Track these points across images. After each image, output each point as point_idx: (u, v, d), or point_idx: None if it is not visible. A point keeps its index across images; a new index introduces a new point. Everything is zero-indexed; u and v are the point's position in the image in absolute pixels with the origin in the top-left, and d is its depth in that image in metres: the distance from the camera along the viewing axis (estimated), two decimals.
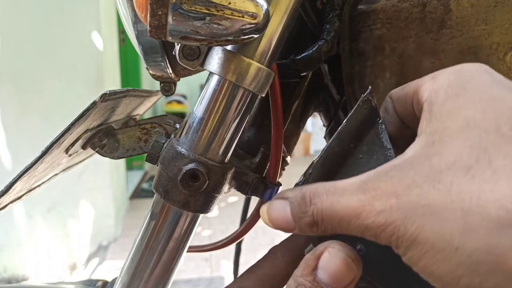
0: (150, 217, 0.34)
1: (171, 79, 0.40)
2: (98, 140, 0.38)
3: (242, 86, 0.29)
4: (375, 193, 0.21)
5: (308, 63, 0.38)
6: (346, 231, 0.22)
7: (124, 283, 0.34)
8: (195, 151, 0.30)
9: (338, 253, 0.24)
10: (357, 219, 0.21)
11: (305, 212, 0.23)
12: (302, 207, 0.24)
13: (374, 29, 0.38)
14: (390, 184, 0.21)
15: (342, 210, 0.22)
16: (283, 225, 0.25)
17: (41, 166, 0.34)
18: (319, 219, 0.23)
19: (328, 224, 0.23)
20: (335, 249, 0.24)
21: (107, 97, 0.34)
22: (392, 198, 0.20)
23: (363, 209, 0.21)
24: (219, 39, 0.24)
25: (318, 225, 0.23)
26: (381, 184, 0.21)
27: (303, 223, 0.24)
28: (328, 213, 0.22)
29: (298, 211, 0.24)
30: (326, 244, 0.24)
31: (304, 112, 0.47)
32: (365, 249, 0.25)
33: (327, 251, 0.24)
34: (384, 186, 0.21)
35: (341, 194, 0.22)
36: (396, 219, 0.20)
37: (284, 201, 0.25)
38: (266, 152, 0.40)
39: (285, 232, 0.26)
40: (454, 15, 0.34)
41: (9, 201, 0.35)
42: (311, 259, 0.24)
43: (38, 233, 2.22)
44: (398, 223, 0.20)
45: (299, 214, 0.24)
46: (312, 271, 0.24)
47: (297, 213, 0.24)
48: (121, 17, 0.40)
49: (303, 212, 0.24)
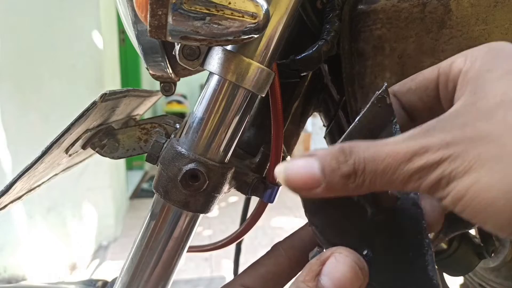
0: (150, 217, 0.34)
1: (171, 79, 0.40)
2: (98, 140, 0.38)
3: (242, 86, 0.29)
4: (426, 139, 0.20)
5: (308, 63, 0.38)
6: (388, 181, 0.21)
7: (124, 283, 0.34)
8: (195, 151, 0.30)
9: (346, 259, 0.23)
10: (406, 164, 0.20)
11: (344, 161, 0.22)
12: (341, 158, 0.22)
13: (374, 29, 0.38)
14: (441, 129, 0.20)
15: (388, 157, 0.21)
16: (305, 180, 0.23)
17: (41, 166, 0.34)
18: (360, 168, 0.21)
19: (369, 174, 0.21)
20: (342, 255, 0.23)
21: (107, 97, 0.34)
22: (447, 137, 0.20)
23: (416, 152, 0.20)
24: (219, 39, 0.24)
25: (357, 175, 0.22)
26: (431, 131, 0.21)
27: (339, 174, 0.22)
28: (372, 160, 0.21)
29: (334, 162, 0.22)
30: (333, 249, 0.24)
31: (304, 112, 0.47)
32: (371, 254, 0.25)
33: (333, 256, 0.23)
34: (436, 132, 0.21)
35: (385, 144, 0.22)
36: (453, 152, 0.19)
37: (309, 158, 0.23)
38: (266, 152, 0.40)
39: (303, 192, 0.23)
40: (454, 15, 0.34)
41: (9, 201, 0.35)
42: (316, 264, 0.23)
43: (38, 233, 2.22)
44: (455, 156, 0.19)
45: (333, 166, 0.22)
46: (316, 276, 0.23)
47: (330, 165, 0.22)
48: (121, 17, 0.40)
49: (341, 162, 0.22)
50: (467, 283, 0.62)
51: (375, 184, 0.22)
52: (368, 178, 0.21)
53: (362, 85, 0.41)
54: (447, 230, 0.44)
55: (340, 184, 0.22)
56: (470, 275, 0.61)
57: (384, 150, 0.21)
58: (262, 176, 0.39)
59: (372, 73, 0.39)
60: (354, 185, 0.22)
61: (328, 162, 0.22)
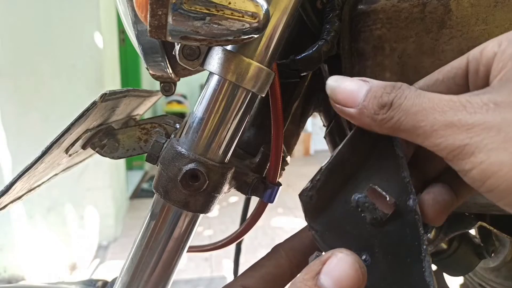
0: (150, 217, 0.34)
1: (171, 79, 0.40)
2: (98, 140, 0.38)
3: (242, 86, 0.29)
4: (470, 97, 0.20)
5: (308, 63, 0.38)
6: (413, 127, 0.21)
7: (124, 283, 0.34)
8: (195, 151, 0.30)
9: (346, 258, 0.22)
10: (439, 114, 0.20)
11: (388, 92, 0.22)
12: (388, 89, 0.22)
13: (374, 29, 0.38)
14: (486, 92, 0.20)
15: (427, 101, 0.21)
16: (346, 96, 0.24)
17: (41, 166, 0.34)
18: (397, 102, 0.22)
19: (402, 111, 0.21)
20: (343, 254, 0.23)
21: (107, 97, 0.34)
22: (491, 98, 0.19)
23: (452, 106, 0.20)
24: (219, 39, 0.24)
25: (391, 108, 0.22)
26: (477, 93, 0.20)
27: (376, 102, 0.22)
28: (411, 99, 0.21)
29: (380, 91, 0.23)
30: (333, 250, 0.23)
31: (304, 112, 0.47)
32: (370, 259, 0.25)
33: (334, 256, 0.23)
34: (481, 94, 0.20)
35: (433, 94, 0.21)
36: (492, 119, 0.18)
37: (363, 81, 0.24)
38: (266, 152, 0.40)
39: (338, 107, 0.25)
40: (454, 15, 0.34)
41: (9, 201, 0.35)
42: (316, 264, 0.23)
43: (38, 233, 2.22)
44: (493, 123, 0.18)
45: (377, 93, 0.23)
46: (315, 275, 0.22)
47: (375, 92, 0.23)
48: (121, 17, 0.40)
49: (385, 92, 0.22)
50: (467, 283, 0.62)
51: (399, 125, 0.21)
52: (398, 115, 0.21)
53: None
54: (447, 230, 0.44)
55: (371, 111, 0.22)
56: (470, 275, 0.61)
57: (426, 95, 0.21)
58: (262, 176, 0.39)
59: (372, 73, 0.39)
60: (381, 117, 0.22)
61: (375, 89, 0.23)
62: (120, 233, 2.62)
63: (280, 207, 3.11)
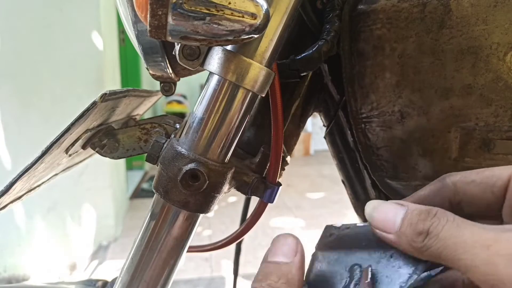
0: (150, 217, 0.34)
1: (171, 79, 0.40)
2: (98, 140, 0.38)
3: (242, 86, 0.29)
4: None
5: (308, 63, 0.38)
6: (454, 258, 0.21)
7: (124, 283, 0.34)
8: (195, 151, 0.30)
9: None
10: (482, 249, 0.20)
11: (424, 219, 0.22)
12: (423, 216, 0.23)
13: (374, 29, 0.38)
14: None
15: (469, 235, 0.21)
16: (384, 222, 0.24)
17: (41, 166, 0.34)
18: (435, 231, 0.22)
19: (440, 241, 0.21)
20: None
21: (107, 97, 0.34)
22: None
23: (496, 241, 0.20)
24: (219, 39, 0.24)
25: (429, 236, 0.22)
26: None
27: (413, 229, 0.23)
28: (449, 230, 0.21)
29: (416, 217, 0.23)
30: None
31: (304, 112, 0.47)
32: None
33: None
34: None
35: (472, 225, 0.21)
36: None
37: (400, 206, 0.24)
38: (266, 152, 0.40)
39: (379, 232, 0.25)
40: (454, 15, 0.34)
41: (9, 201, 0.35)
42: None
43: (38, 233, 2.22)
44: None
45: (413, 220, 0.23)
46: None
47: (411, 218, 0.23)
48: (121, 17, 0.40)
49: (421, 219, 0.23)
50: None
51: (439, 254, 0.21)
52: (436, 245, 0.22)
53: (362, 85, 0.41)
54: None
55: (408, 238, 0.23)
56: None
57: (467, 227, 0.21)
58: (262, 176, 0.39)
59: (372, 73, 0.39)
60: (419, 245, 0.22)
61: (411, 215, 0.23)
62: (120, 233, 2.62)
63: (280, 207, 3.10)
